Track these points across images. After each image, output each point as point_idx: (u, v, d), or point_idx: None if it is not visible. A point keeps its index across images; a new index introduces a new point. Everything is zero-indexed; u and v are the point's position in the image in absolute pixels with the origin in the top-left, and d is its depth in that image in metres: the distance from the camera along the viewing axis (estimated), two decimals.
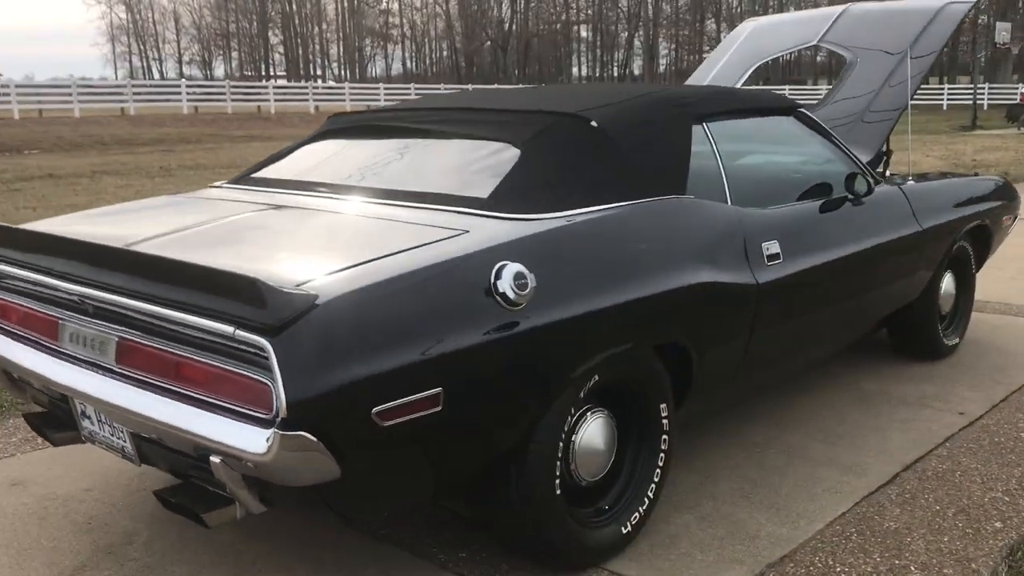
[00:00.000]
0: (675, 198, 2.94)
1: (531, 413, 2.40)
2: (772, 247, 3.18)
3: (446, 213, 2.66)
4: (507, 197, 2.68)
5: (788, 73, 62.24)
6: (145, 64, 77.86)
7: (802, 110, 3.79)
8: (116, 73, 75.69)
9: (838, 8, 5.41)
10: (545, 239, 2.51)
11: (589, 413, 2.65)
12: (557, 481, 2.51)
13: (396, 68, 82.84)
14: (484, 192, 2.72)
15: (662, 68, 72.46)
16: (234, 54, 77.83)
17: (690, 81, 5.67)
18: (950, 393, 4.17)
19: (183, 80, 42.29)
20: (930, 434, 3.70)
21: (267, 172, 3.41)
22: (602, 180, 2.83)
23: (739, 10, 63.63)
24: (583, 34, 77.60)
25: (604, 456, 2.70)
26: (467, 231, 2.48)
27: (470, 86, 46.67)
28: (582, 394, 2.55)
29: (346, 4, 77.26)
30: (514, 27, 72.39)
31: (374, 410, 2.01)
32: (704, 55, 69.76)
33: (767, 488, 3.23)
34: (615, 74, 74.01)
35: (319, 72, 79.33)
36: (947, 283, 4.59)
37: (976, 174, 5.55)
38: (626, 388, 2.76)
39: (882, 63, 4.86)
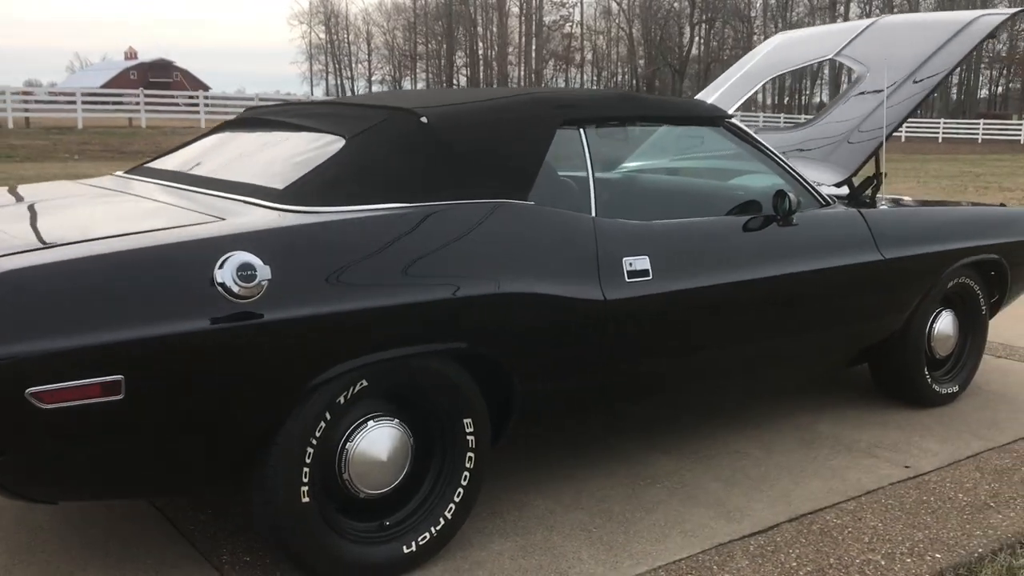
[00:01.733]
0: (505, 202, 2.76)
1: (258, 413, 2.30)
2: (638, 263, 2.94)
3: (231, 201, 2.63)
4: (301, 189, 2.60)
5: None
6: (339, 82, 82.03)
7: (732, 121, 3.49)
8: (312, 90, 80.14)
9: (868, 20, 4.99)
10: (302, 233, 2.41)
11: (371, 420, 2.52)
12: (304, 488, 2.39)
13: None
14: (283, 183, 2.65)
15: None
16: (421, 74, 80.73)
17: (702, 94, 5.37)
18: (913, 444, 3.72)
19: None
20: (853, 485, 3.30)
21: (156, 161, 3.49)
22: (417, 178, 2.70)
23: None
24: None
25: (389, 468, 2.55)
26: (222, 219, 2.42)
27: None
28: (343, 399, 2.42)
29: (533, 28, 78.62)
30: (694, 51, 71.53)
31: (29, 390, 1.98)
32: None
33: (619, 524, 2.97)
34: (800, 102, 71.70)
35: None
36: (944, 323, 4.11)
37: (1003, 205, 4.94)
38: (423, 398, 2.62)
39: (888, 79, 4.43)
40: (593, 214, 2.95)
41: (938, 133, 43.43)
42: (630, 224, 3.01)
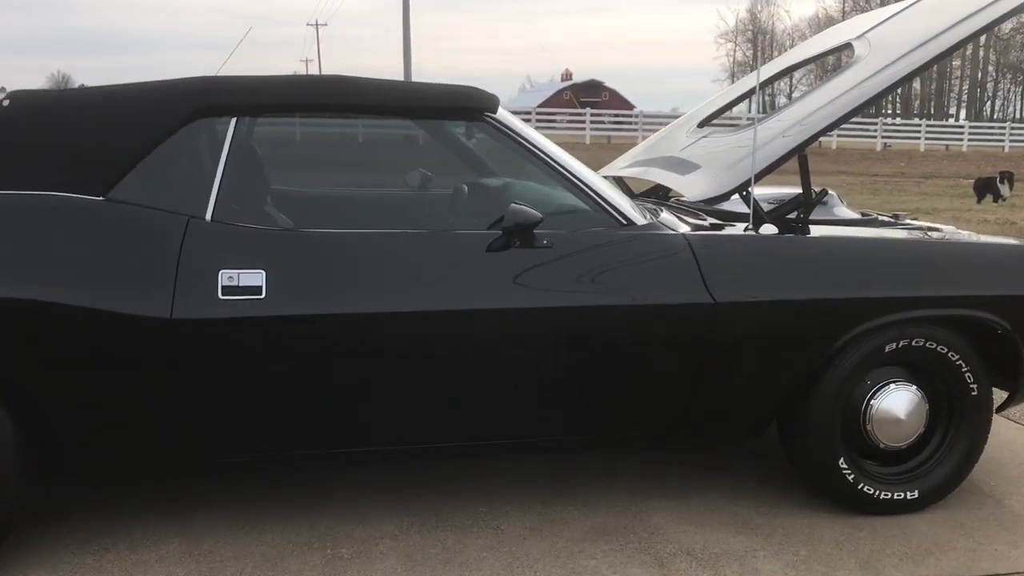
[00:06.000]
0: (52, 195, 2.43)
1: None
2: (245, 277, 2.44)
3: None
4: None
5: None
6: (761, 99, 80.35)
7: (496, 117, 2.75)
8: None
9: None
10: None
11: None
12: None
13: None
14: None
15: None
16: None
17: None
18: (740, 559, 2.69)
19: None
20: None
21: None
22: None
23: None
24: None
25: None
26: None
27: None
28: None
29: (982, 38, 70.76)
30: None
31: None
32: None
33: None
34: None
35: (951, 111, 73.80)
36: (895, 401, 2.90)
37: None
38: None
39: (872, 63, 3.26)
40: (208, 216, 2.51)
41: None
42: (248, 229, 2.52)
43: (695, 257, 2.74)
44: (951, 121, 57.79)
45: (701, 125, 3.97)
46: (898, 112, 72.23)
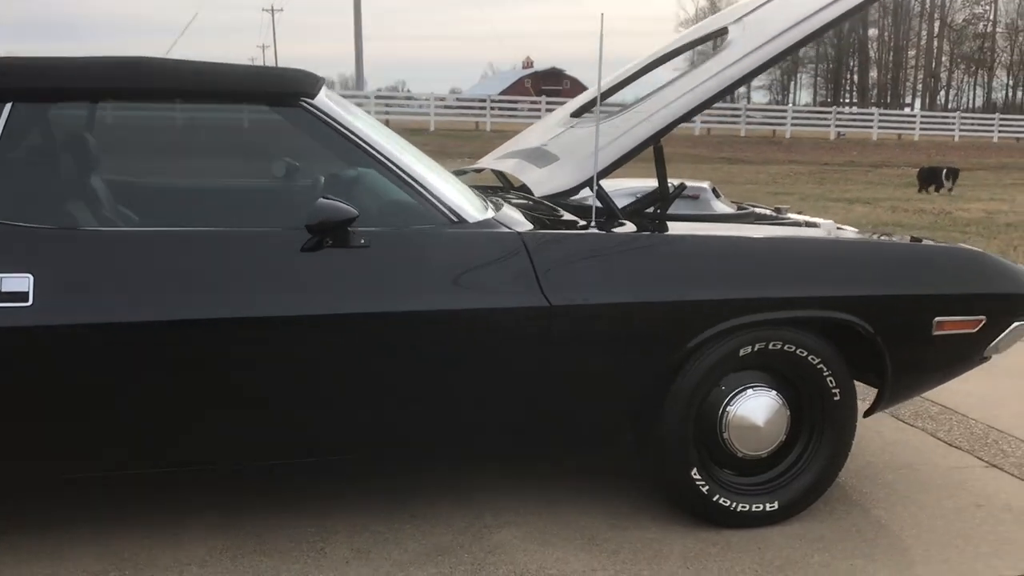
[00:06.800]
0: None
1: None
2: (6, 283, 2.20)
3: None
4: None
5: None
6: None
7: (315, 103, 2.51)
8: None
9: None
10: None
11: None
12: None
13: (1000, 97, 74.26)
14: None
15: None
16: (807, 79, 76.97)
17: None
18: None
19: (745, 105, 43.88)
20: None
21: None
22: None
23: None
24: None
25: None
26: None
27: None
28: None
29: (936, 28, 71.59)
30: None
31: None
32: None
33: None
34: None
35: (907, 101, 74.50)
36: (754, 407, 2.73)
37: (917, 239, 3.18)
38: None
39: (741, 46, 3.08)
40: None
41: None
42: (15, 228, 2.27)
43: (530, 257, 2.53)
44: (906, 110, 58.30)
45: (576, 114, 3.76)
46: (854, 101, 72.80)
